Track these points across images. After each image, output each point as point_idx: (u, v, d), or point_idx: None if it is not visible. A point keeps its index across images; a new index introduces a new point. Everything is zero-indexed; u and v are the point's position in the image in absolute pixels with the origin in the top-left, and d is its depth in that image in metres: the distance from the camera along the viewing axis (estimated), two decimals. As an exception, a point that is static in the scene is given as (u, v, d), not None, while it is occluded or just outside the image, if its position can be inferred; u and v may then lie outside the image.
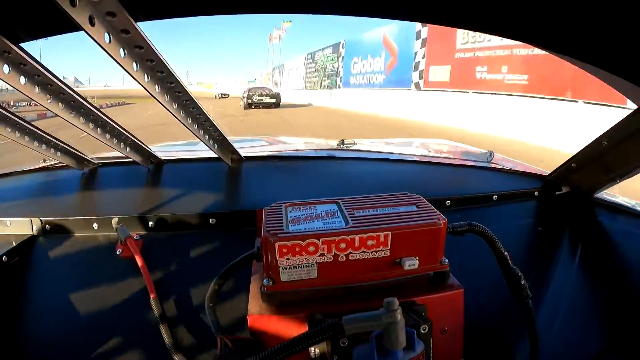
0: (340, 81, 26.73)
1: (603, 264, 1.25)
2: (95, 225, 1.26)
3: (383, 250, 0.82)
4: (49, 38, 0.86)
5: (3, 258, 1.18)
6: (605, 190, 1.37)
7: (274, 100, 23.99)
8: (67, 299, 1.16)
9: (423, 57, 16.88)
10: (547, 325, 1.15)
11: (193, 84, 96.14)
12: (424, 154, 2.29)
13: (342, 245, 0.80)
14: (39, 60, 0.90)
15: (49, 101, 1.03)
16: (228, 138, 1.42)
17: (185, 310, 1.10)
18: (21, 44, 0.84)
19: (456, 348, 0.89)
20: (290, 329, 0.79)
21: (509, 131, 10.63)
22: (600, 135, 1.18)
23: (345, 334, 0.70)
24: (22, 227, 1.28)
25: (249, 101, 23.66)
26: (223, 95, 50.05)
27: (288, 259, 0.80)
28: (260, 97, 23.79)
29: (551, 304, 1.20)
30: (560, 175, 1.44)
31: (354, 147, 2.00)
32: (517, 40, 0.81)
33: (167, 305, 1.12)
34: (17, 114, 1.16)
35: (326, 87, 29.26)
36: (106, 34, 0.77)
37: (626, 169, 1.19)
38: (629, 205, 1.30)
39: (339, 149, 1.97)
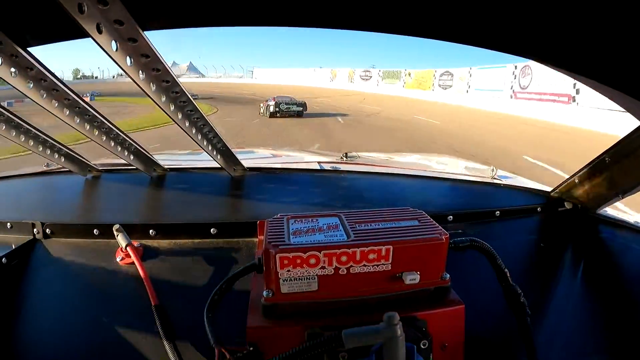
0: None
1: (606, 281, 1.24)
2: (96, 231, 1.26)
3: (384, 265, 0.82)
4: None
5: (3, 260, 1.17)
6: (608, 206, 1.36)
7: (300, 108, 23.27)
8: (65, 303, 1.16)
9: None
10: (548, 342, 1.14)
11: (371, 76, 47.53)
12: (427, 168, 2.29)
13: (344, 259, 0.80)
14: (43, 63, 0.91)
15: (55, 106, 1.03)
16: (231, 149, 1.43)
17: (184, 320, 1.09)
18: (28, 49, 0.85)
19: None
20: (289, 341, 0.78)
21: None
22: (604, 152, 1.18)
23: (345, 348, 0.70)
24: (23, 230, 1.28)
25: (276, 109, 22.73)
26: (192, 97, 48.97)
27: (289, 270, 0.80)
28: (287, 106, 22.98)
29: (552, 321, 1.18)
30: (563, 191, 1.44)
31: (357, 161, 2.00)
32: (521, 55, 0.81)
33: (165, 313, 1.11)
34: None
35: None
36: (113, 42, 0.77)
37: (629, 185, 1.19)
38: (631, 221, 1.29)
39: (342, 162, 1.98)
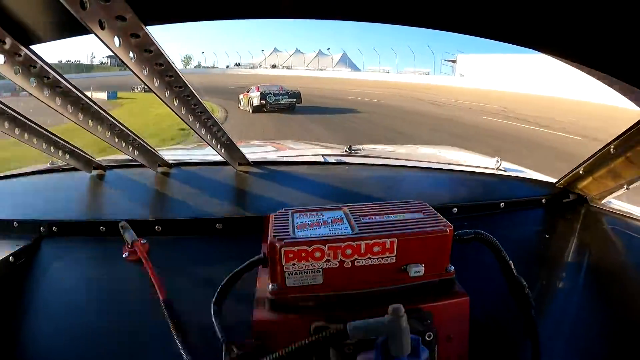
0: None
1: (611, 272, 1.24)
2: (102, 228, 1.27)
3: (389, 257, 0.82)
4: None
5: (10, 259, 1.18)
6: (613, 198, 1.36)
7: (292, 100, 18.99)
8: (72, 301, 1.17)
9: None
10: (553, 334, 1.14)
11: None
12: (432, 160, 2.28)
13: (348, 252, 0.80)
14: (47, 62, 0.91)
15: (58, 103, 1.04)
16: (236, 143, 1.43)
17: (190, 315, 1.09)
18: (31, 46, 0.85)
19: (461, 356, 0.88)
20: (295, 334, 0.78)
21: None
22: (609, 142, 1.17)
23: (350, 340, 0.70)
24: (29, 228, 1.29)
25: (262, 102, 18.47)
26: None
27: (294, 264, 0.80)
28: (276, 97, 18.71)
29: (557, 313, 1.18)
30: (569, 182, 1.43)
31: (361, 153, 2.00)
32: (524, 46, 0.80)
33: (172, 309, 1.12)
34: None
35: None
36: (116, 38, 0.77)
37: (635, 177, 1.18)
38: (637, 213, 1.28)
39: (346, 155, 1.97)
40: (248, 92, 19.24)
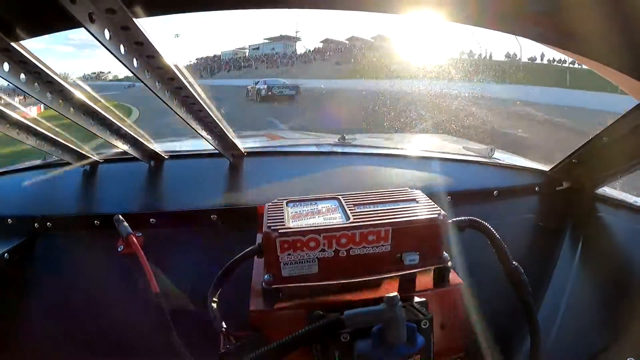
0: None
1: (604, 259, 1.25)
2: (96, 222, 1.26)
3: (384, 246, 0.82)
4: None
5: (5, 255, 1.18)
6: (606, 186, 1.37)
7: (293, 92, 22.49)
8: (68, 295, 1.17)
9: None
10: (548, 320, 1.15)
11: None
12: (425, 149, 2.29)
13: (343, 241, 0.81)
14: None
15: (49, 98, 1.03)
16: (229, 134, 1.42)
17: (187, 307, 1.10)
18: (22, 42, 0.84)
19: (457, 343, 0.89)
20: (291, 324, 0.79)
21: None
22: (602, 131, 1.17)
23: (347, 329, 0.71)
24: (23, 225, 1.29)
25: (268, 92, 21.94)
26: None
27: (289, 254, 0.80)
28: (280, 89, 22.36)
29: (552, 299, 1.20)
30: (561, 170, 1.44)
31: (354, 143, 2.00)
32: (520, 35, 0.80)
33: (168, 301, 1.12)
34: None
35: None
36: (106, 31, 0.77)
37: (627, 165, 1.19)
38: (629, 201, 1.30)
39: (339, 145, 1.97)
40: (255, 85, 22.73)
